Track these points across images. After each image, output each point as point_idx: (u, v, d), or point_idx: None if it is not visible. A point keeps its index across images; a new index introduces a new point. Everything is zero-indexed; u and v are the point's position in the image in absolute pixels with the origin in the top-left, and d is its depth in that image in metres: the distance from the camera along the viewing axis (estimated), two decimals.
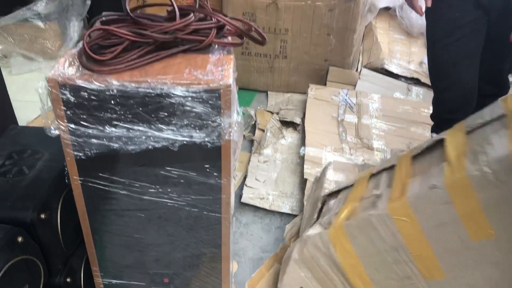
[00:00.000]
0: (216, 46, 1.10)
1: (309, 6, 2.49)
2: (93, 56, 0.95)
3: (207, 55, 1.06)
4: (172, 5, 1.03)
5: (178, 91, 0.95)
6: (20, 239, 1.13)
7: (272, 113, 2.55)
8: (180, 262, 1.25)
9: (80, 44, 1.07)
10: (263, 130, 2.36)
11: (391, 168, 1.31)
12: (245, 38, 1.14)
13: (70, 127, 0.99)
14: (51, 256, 1.25)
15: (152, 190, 1.10)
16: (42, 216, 1.20)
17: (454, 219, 1.05)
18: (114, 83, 0.94)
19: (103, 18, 1.07)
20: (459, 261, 1.11)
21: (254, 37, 1.14)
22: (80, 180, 1.09)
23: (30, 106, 2.36)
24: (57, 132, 1.00)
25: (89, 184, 1.10)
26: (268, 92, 2.78)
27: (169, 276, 1.27)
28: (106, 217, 1.16)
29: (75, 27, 3.13)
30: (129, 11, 1.01)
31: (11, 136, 1.47)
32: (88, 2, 3.11)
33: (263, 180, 2.06)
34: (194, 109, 0.97)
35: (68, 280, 1.34)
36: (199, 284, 1.30)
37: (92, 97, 0.95)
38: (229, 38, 1.14)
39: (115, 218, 1.16)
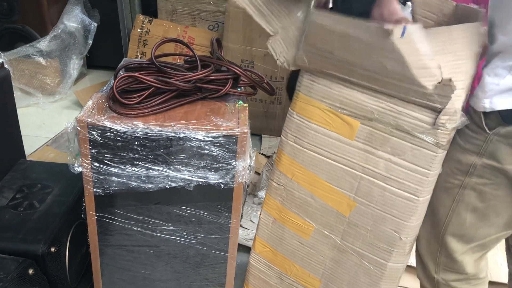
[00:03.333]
0: (232, 95, 1.19)
1: None
2: (121, 100, 1.03)
3: (224, 103, 1.15)
4: (195, 56, 1.13)
5: (199, 135, 1.02)
6: (31, 271, 1.16)
7: (266, 156, 2.63)
8: None
9: (105, 88, 1.16)
10: (258, 173, 2.43)
11: None
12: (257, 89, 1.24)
13: (93, 165, 1.05)
14: None
15: (164, 228, 1.16)
16: (52, 249, 1.24)
17: None
18: (140, 126, 1.01)
19: (130, 65, 1.15)
20: None
21: (265, 87, 1.24)
22: (96, 215, 1.13)
23: (28, 140, 2.40)
24: (80, 169, 1.06)
25: (104, 219, 1.14)
26: (262, 135, 2.88)
27: None
28: (117, 252, 1.20)
29: (74, 65, 3.21)
30: (154, 60, 1.10)
31: (21, 170, 1.52)
32: (90, 42, 3.21)
33: (257, 221, 2.11)
34: (212, 153, 1.05)
35: None
36: None
37: (118, 138, 1.02)
38: (242, 87, 1.23)
39: (125, 254, 1.20)
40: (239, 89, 1.21)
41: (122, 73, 1.11)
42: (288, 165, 1.28)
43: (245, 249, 2.04)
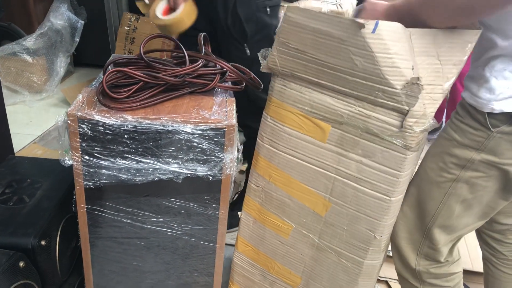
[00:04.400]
0: (219, 89, 1.22)
1: None
2: (110, 95, 1.05)
3: (212, 97, 1.17)
4: (183, 52, 1.15)
5: (187, 128, 1.05)
6: (21, 264, 1.18)
7: None
8: None
9: (95, 83, 1.18)
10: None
11: None
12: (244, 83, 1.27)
13: (83, 158, 1.07)
14: (48, 283, 1.29)
15: (154, 219, 1.18)
16: (43, 242, 1.26)
17: None
18: (130, 119, 1.04)
19: (119, 60, 1.17)
20: None
21: (252, 82, 1.27)
22: (86, 208, 1.15)
23: (15, 138, 2.41)
24: (70, 162, 1.08)
25: (95, 212, 1.17)
26: None
27: None
28: (107, 244, 1.22)
29: (61, 63, 3.21)
30: (143, 55, 1.12)
31: (10, 166, 1.53)
32: (77, 40, 3.21)
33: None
34: (200, 145, 1.08)
35: None
36: None
37: (107, 131, 1.04)
38: (229, 82, 1.26)
39: (115, 246, 1.22)
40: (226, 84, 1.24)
41: (111, 68, 1.13)
42: (265, 167, 1.32)
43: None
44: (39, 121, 2.86)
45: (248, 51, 1.59)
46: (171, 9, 1.38)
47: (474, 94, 1.07)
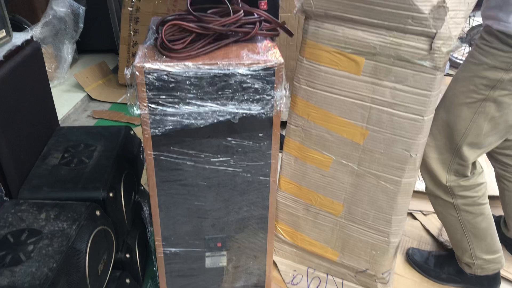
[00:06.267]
0: (259, 36, 1.33)
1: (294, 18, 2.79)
2: (170, 46, 1.17)
3: (254, 43, 1.29)
4: (227, 4, 1.27)
5: (242, 70, 1.17)
6: (97, 212, 1.31)
7: None
8: (233, 226, 1.44)
9: (148, 40, 1.29)
10: None
11: None
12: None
13: (150, 107, 1.19)
14: (118, 231, 1.42)
15: (214, 160, 1.31)
16: (111, 194, 1.38)
17: None
18: (191, 66, 1.15)
19: (168, 18, 1.28)
20: None
21: (286, 29, 1.39)
22: (153, 154, 1.27)
23: None
24: (138, 111, 1.20)
25: (161, 157, 1.29)
26: None
27: (222, 240, 1.46)
28: (172, 187, 1.35)
29: (68, 49, 3.28)
30: (191, 10, 1.23)
31: (61, 135, 1.64)
32: (81, 25, 3.27)
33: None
34: (253, 85, 1.20)
35: (127, 256, 1.51)
36: (247, 245, 1.50)
37: (171, 79, 1.16)
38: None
39: (180, 188, 1.35)
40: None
41: (161, 28, 1.24)
42: (303, 107, 1.44)
43: None
44: (57, 107, 2.93)
45: None
46: None
47: (503, 20, 1.21)
